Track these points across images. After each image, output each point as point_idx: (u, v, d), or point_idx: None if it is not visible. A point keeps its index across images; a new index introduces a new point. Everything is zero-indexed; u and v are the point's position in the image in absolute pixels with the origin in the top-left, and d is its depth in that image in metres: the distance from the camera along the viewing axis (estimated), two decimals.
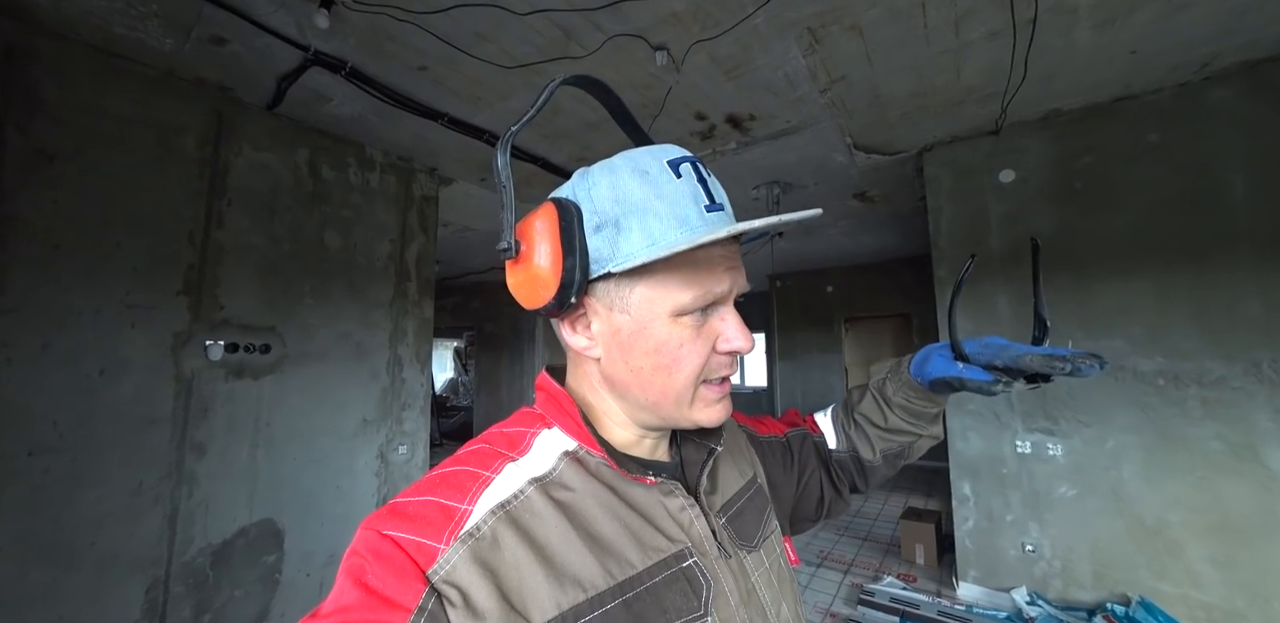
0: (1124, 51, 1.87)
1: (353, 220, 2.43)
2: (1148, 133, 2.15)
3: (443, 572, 0.31)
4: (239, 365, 1.97)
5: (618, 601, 0.33)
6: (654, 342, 0.37)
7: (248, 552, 1.95)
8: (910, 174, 2.87)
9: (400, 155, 2.66)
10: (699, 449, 0.46)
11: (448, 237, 4.31)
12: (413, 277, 2.72)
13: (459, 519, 0.33)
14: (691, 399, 0.38)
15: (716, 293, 0.37)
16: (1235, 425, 1.95)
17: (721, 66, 1.91)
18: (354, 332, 2.42)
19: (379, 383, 2.52)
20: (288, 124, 2.19)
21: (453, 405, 8.49)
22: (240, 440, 1.96)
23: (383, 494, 2.49)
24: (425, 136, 2.45)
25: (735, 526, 0.44)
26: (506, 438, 0.41)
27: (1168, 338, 2.06)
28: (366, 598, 0.29)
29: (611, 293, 0.38)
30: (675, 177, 0.36)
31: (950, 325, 0.52)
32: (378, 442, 2.49)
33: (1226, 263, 1.98)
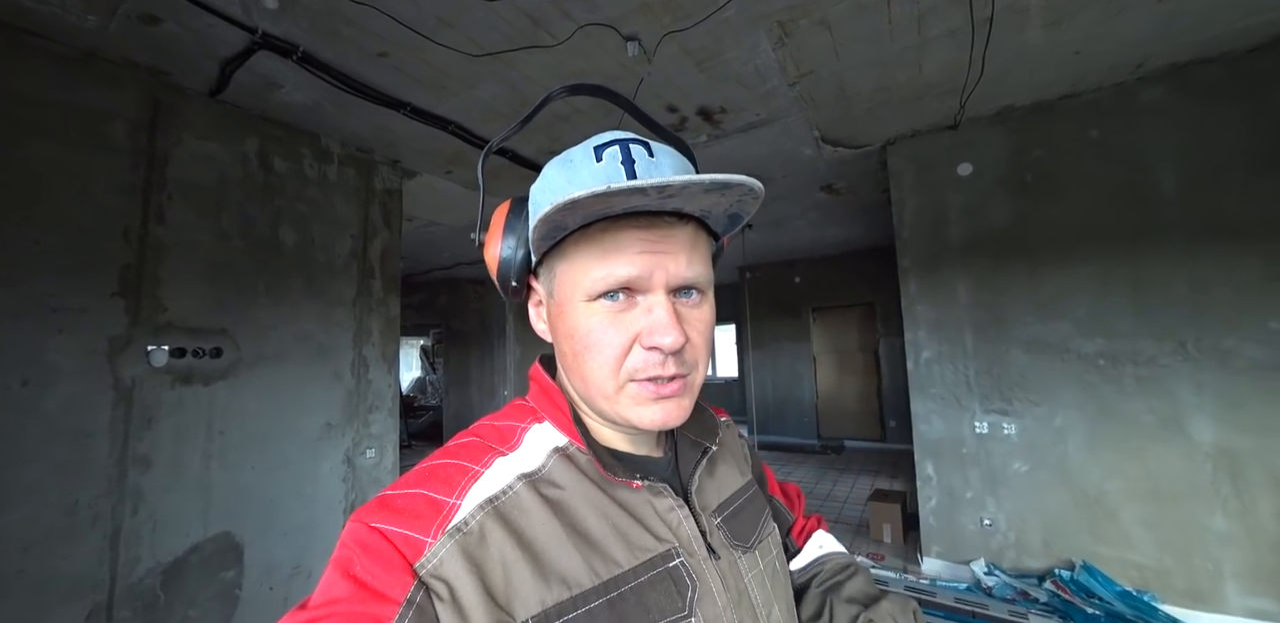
0: (1069, 52, 1.97)
1: (309, 215, 2.30)
2: (1089, 129, 2.29)
3: (430, 565, 0.31)
4: (187, 371, 1.84)
5: (601, 600, 0.33)
6: (568, 324, 0.37)
7: (203, 568, 1.84)
8: (875, 167, 2.96)
9: (360, 147, 2.53)
10: (694, 447, 0.45)
11: (412, 231, 4.15)
12: (377, 273, 2.61)
13: (447, 513, 0.33)
14: (616, 393, 0.36)
15: (621, 275, 0.34)
16: (1163, 400, 2.12)
17: (693, 58, 1.90)
18: (315, 332, 2.30)
19: (343, 385, 2.41)
20: (234, 112, 2.04)
21: (421, 405, 8.26)
22: (191, 451, 1.84)
23: (350, 500, 2.39)
24: (386, 127, 2.34)
25: (731, 525, 0.44)
26: (497, 432, 0.40)
27: (1107, 320, 2.21)
28: (356, 590, 0.29)
29: (545, 276, 0.39)
30: (595, 161, 0.35)
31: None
32: (343, 446, 2.39)
33: (1158, 250, 2.15)
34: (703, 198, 0.32)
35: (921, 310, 2.62)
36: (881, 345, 5.43)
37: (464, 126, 2.36)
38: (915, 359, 2.62)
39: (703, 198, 0.32)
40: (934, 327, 2.58)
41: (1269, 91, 2.00)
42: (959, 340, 2.52)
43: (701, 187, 0.30)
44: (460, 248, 4.87)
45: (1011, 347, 2.39)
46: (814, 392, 5.82)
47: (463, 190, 3.21)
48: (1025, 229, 2.39)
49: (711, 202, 0.33)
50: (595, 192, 0.28)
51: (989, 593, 2.23)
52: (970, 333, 2.49)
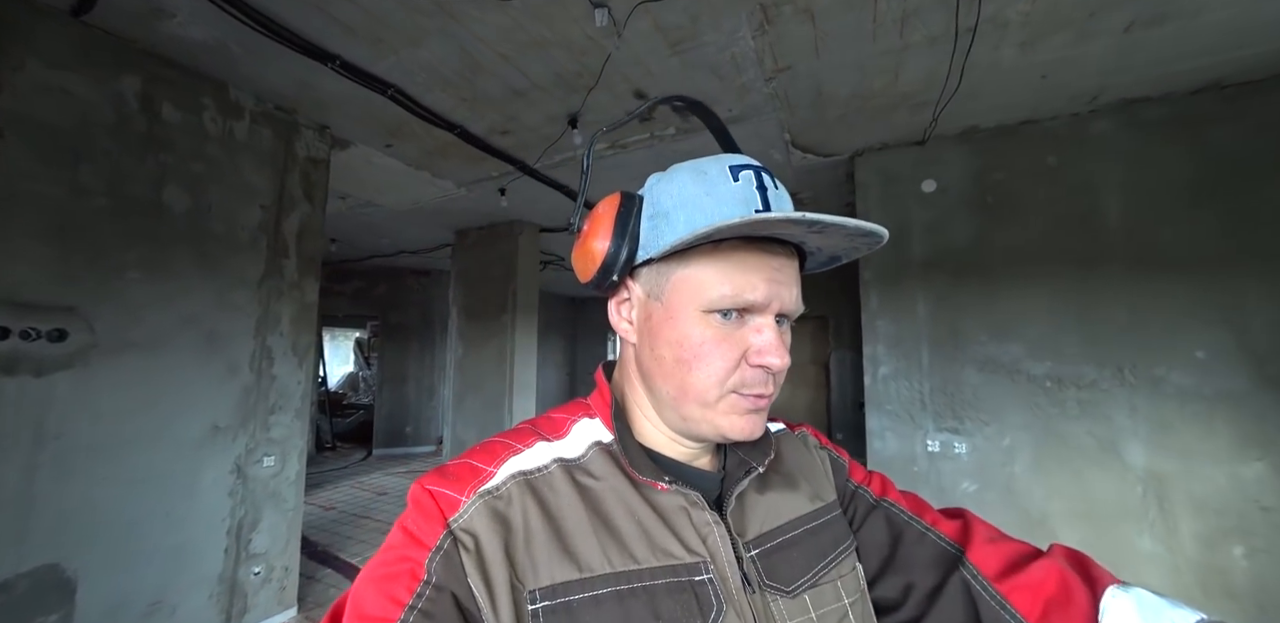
0: (1037, 75, 1.99)
1: (207, 177, 1.94)
2: (1046, 155, 2.34)
3: (461, 520, 0.35)
4: (10, 357, 1.45)
5: (609, 589, 0.34)
6: (678, 333, 0.37)
7: (8, 613, 1.42)
8: (841, 178, 2.93)
9: (279, 104, 2.19)
10: (740, 466, 0.43)
11: (346, 212, 3.75)
12: (292, 252, 2.26)
13: (482, 478, 0.37)
14: (716, 402, 0.37)
15: (748, 298, 0.36)
16: (1102, 423, 2.17)
17: (667, 38, 1.75)
18: (204, 315, 1.93)
19: (239, 380, 2.05)
20: (105, 40, 1.67)
21: (351, 403, 7.60)
22: (6, 461, 1.45)
23: (239, 518, 2.02)
24: (312, 84, 2.02)
25: (769, 562, 0.40)
26: (550, 422, 0.43)
27: (1056, 343, 2.24)
28: (403, 538, 0.35)
29: (651, 279, 0.40)
30: (732, 180, 0.37)
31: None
32: (234, 453, 2.03)
33: (1103, 277, 2.20)
34: (837, 239, 0.35)
35: (881, 325, 2.58)
36: (833, 359, 5.49)
37: (407, 93, 2.09)
38: (873, 374, 2.58)
39: (837, 239, 0.35)
40: (893, 342, 2.55)
41: (1204, 133, 2.10)
42: (916, 357, 2.49)
43: (848, 230, 0.33)
44: (404, 234, 4.47)
45: (966, 365, 2.38)
46: None
47: (406, 168, 2.89)
48: (984, 249, 2.40)
49: (839, 243, 0.36)
50: (789, 217, 0.31)
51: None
52: (927, 350, 2.47)
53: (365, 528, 3.45)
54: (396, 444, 5.93)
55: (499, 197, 3.30)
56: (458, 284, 4.28)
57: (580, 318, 8.96)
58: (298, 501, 2.28)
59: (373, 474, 5.03)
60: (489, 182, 3.14)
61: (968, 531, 0.42)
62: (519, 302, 3.95)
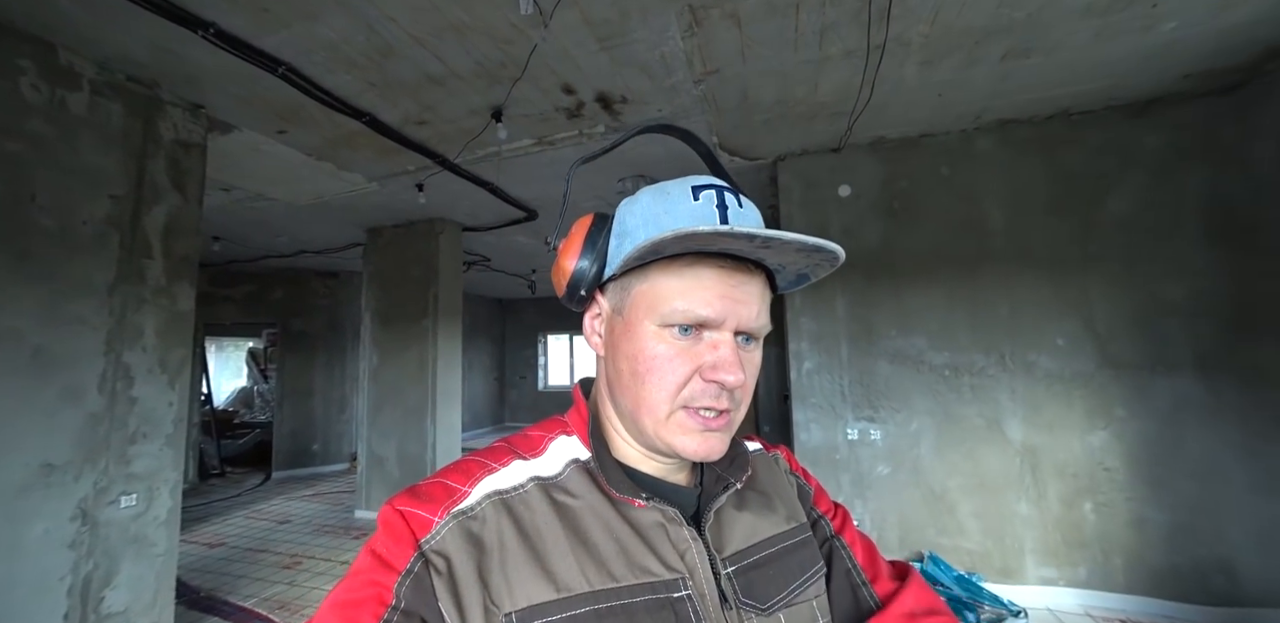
0: (934, 93, 2.20)
1: (29, 159, 1.57)
2: (941, 167, 2.60)
3: (433, 541, 0.34)
4: None
5: (588, 609, 0.33)
6: (634, 346, 0.38)
7: None
8: (765, 181, 3.06)
9: (133, 75, 1.83)
10: (717, 482, 0.43)
11: (230, 206, 3.28)
12: (157, 253, 1.91)
13: (456, 498, 0.36)
14: (665, 419, 0.37)
15: (701, 314, 0.36)
16: (989, 405, 2.45)
17: (596, 32, 1.70)
18: (29, 330, 1.57)
19: (82, 407, 1.69)
20: None
21: (243, 422, 6.70)
22: None
23: (83, 574, 1.67)
24: (179, 53, 1.72)
25: (746, 579, 0.39)
26: (527, 440, 0.43)
27: (953, 336, 2.50)
28: (371, 561, 0.34)
29: (615, 294, 0.41)
30: (692, 199, 0.38)
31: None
32: (76, 496, 1.67)
33: (987, 276, 2.49)
34: (792, 255, 0.35)
35: (805, 323, 2.72)
36: None
37: (301, 72, 1.85)
38: (798, 369, 2.71)
39: (792, 255, 0.35)
40: (815, 338, 2.70)
41: (1057, 153, 2.45)
42: (836, 352, 2.66)
43: (798, 246, 0.33)
44: (303, 232, 4.00)
45: (879, 358, 2.58)
46: None
47: (304, 158, 2.57)
48: (892, 251, 2.62)
49: (795, 259, 0.37)
50: (718, 230, 0.31)
51: None
52: (846, 345, 2.65)
53: (263, 564, 3.03)
54: (302, 464, 5.31)
55: (416, 193, 3.05)
56: (371, 287, 3.90)
57: (509, 319, 8.61)
58: (170, 543, 1.93)
59: (273, 500, 4.45)
60: (404, 176, 2.88)
61: (895, 597, 0.43)
62: (441, 305, 3.69)
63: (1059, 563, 2.35)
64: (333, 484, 4.93)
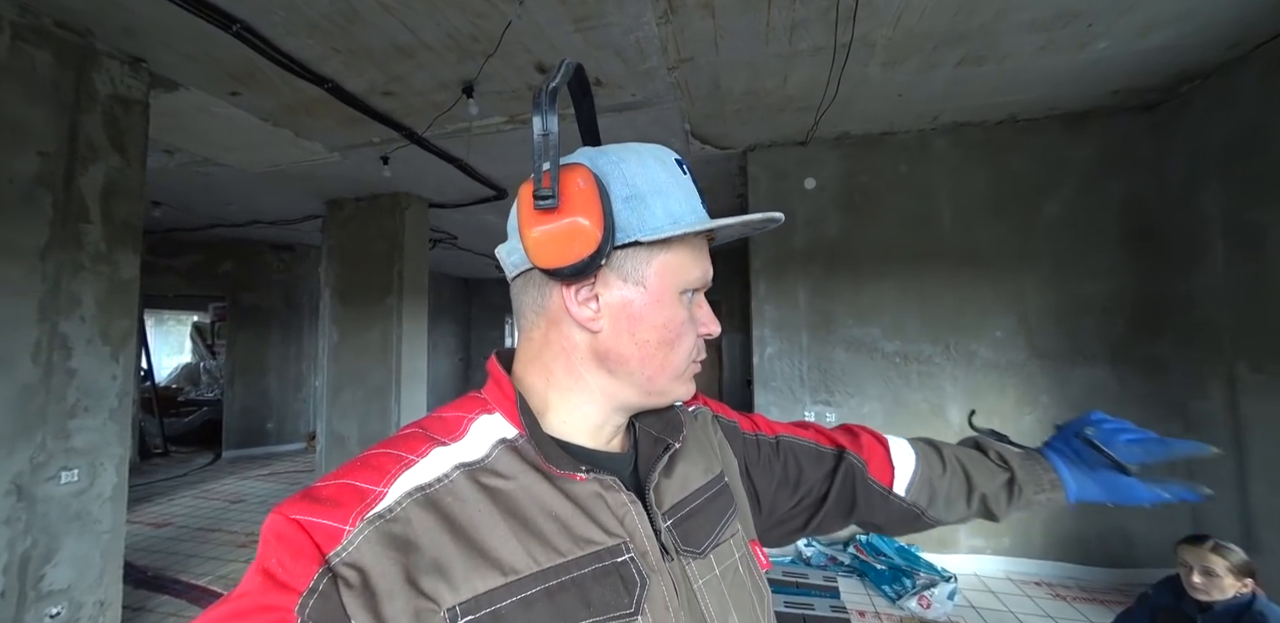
0: (894, 92, 2.29)
1: None
2: (899, 164, 2.73)
3: (344, 554, 0.30)
4: None
5: (538, 587, 0.33)
6: (664, 316, 0.39)
7: None
8: (734, 170, 3.12)
9: (61, 21, 1.70)
10: (656, 444, 0.45)
11: (174, 169, 3.09)
12: (95, 216, 1.80)
13: (370, 501, 0.32)
14: (685, 372, 0.41)
15: (707, 279, 0.41)
16: (934, 391, 2.63)
17: (571, 12, 1.69)
18: None
19: (13, 378, 1.60)
20: None
21: (188, 400, 6.40)
22: None
23: (19, 551, 1.60)
24: (118, 0, 1.60)
25: (682, 529, 0.42)
26: (442, 422, 0.40)
27: (904, 326, 2.66)
28: (263, 582, 0.29)
29: (628, 263, 0.38)
30: (682, 172, 0.40)
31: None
32: (10, 470, 1.59)
33: (935, 270, 2.65)
34: (744, 229, 0.42)
35: (768, 310, 2.83)
36: (724, 340, 5.91)
37: (259, 32, 1.76)
38: (760, 355, 2.83)
39: (744, 229, 0.42)
40: (777, 326, 2.82)
41: (1003, 157, 2.62)
42: (797, 339, 2.78)
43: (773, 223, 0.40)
44: (256, 201, 3.81)
45: (836, 346, 2.72)
46: None
47: (257, 123, 2.45)
48: (851, 244, 2.74)
49: (743, 232, 0.43)
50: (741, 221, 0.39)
51: (807, 563, 2.50)
52: (806, 332, 2.77)
53: (214, 543, 2.97)
54: (254, 444, 5.14)
55: (381, 165, 2.96)
56: (331, 262, 3.77)
57: (476, 299, 8.47)
58: (116, 520, 1.87)
59: (224, 479, 4.32)
60: (369, 148, 2.79)
61: (824, 434, 0.59)
62: (406, 283, 3.61)
63: (987, 534, 2.58)
64: (289, 463, 4.82)
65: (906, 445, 0.59)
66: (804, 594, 2.22)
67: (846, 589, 2.31)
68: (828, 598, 2.19)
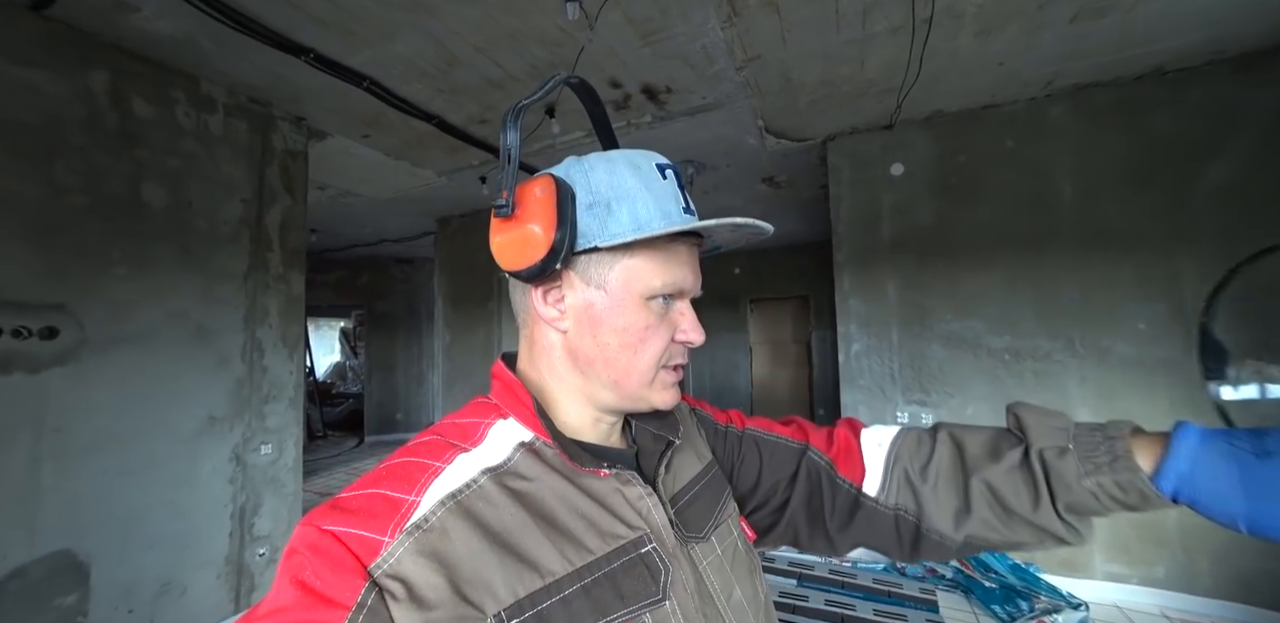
0: (994, 62, 2.07)
1: (185, 172, 1.95)
2: (1005, 139, 2.44)
3: (386, 566, 0.30)
4: (3, 356, 1.49)
5: (576, 587, 0.33)
6: (624, 320, 0.39)
7: (28, 596, 1.51)
8: (815, 162, 3.01)
9: (253, 97, 2.18)
10: (656, 440, 0.46)
11: (325, 202, 3.73)
12: (275, 245, 2.29)
13: (405, 511, 0.33)
14: (653, 380, 0.41)
15: (682, 285, 0.41)
16: (1056, 392, 2.33)
17: (638, 29, 1.79)
18: (192, 310, 1.97)
19: (231, 372, 2.10)
20: (72, 35, 1.65)
21: (339, 393, 7.62)
22: (12, 454, 1.50)
23: (239, 504, 2.10)
24: (286, 76, 2.02)
25: (684, 517, 0.44)
26: (459, 429, 0.40)
27: (1014, 319, 2.39)
28: (303, 597, 0.29)
29: (592, 268, 0.40)
30: (661, 177, 0.40)
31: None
32: (231, 442, 2.09)
33: (1055, 256, 2.34)
34: (740, 235, 0.42)
35: (854, 305, 2.70)
36: (814, 338, 5.67)
37: (382, 84, 2.10)
38: (846, 352, 2.71)
39: (740, 235, 0.42)
40: (864, 321, 2.68)
41: (1147, 117, 2.22)
42: (886, 335, 2.63)
43: (761, 232, 0.41)
44: (385, 223, 4.46)
45: (932, 342, 2.53)
46: (749, 381, 6.00)
47: (383, 158, 2.90)
48: (948, 231, 2.52)
49: (738, 238, 0.43)
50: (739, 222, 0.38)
51: (902, 573, 2.37)
52: (897, 328, 2.61)
53: None
54: (389, 431, 6.01)
55: (480, 185, 3.32)
56: (442, 272, 4.30)
57: None
58: (296, 486, 2.36)
59: (366, 460, 5.12)
60: (469, 170, 3.15)
61: (803, 430, 0.54)
62: (504, 288, 4.01)
63: (1132, 561, 2.24)
64: None
65: (887, 433, 0.50)
66: (896, 604, 2.11)
67: (947, 605, 2.15)
68: (924, 611, 2.06)
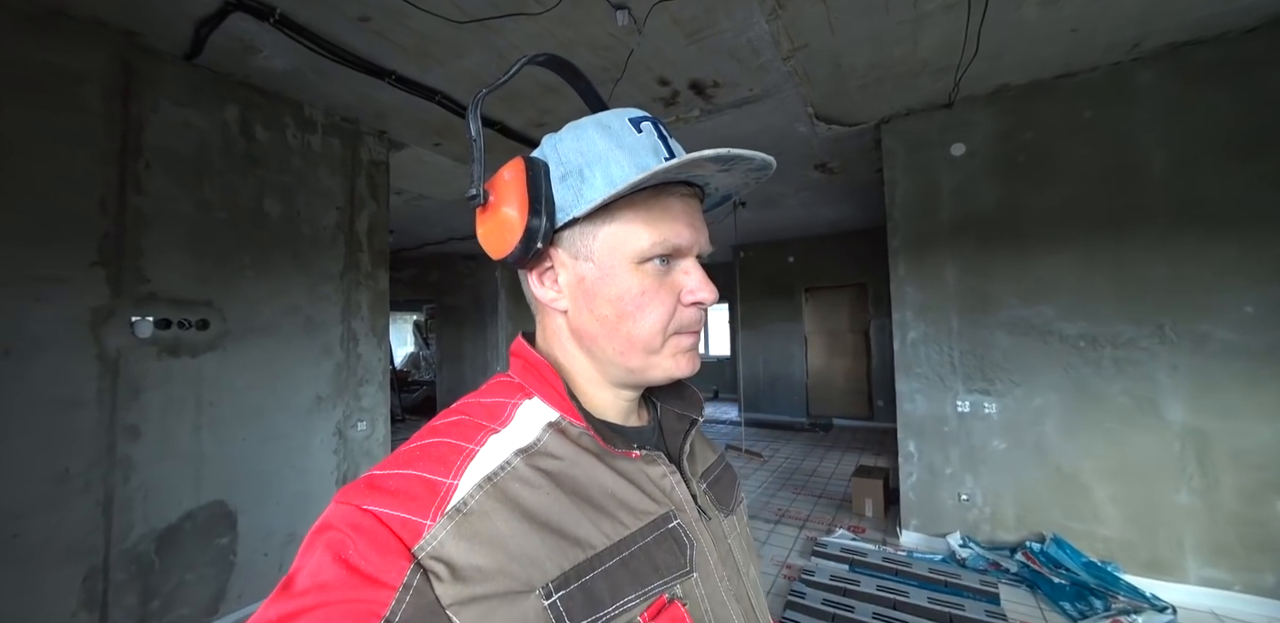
0: (1065, 29, 1.94)
1: (294, 186, 2.26)
2: (1082, 110, 2.28)
3: (429, 548, 0.30)
4: (174, 343, 1.84)
5: (615, 559, 0.34)
6: (617, 289, 0.38)
7: (197, 535, 1.88)
8: (869, 146, 2.94)
9: (344, 116, 2.47)
10: (680, 420, 0.47)
11: (401, 205, 4.10)
12: (364, 247, 2.59)
13: (445, 494, 0.33)
14: (661, 347, 0.39)
15: (675, 242, 0.37)
16: (1140, 382, 2.17)
17: (684, 29, 1.86)
18: (303, 305, 2.29)
19: (333, 359, 2.42)
20: (212, 77, 1.98)
21: (414, 380, 8.31)
22: (180, 422, 1.85)
23: (342, 472, 2.43)
24: (371, 96, 2.28)
25: (715, 491, 0.47)
26: (486, 409, 0.40)
27: (1089, 304, 2.24)
28: (348, 576, 0.29)
29: (576, 241, 0.39)
30: (636, 131, 0.38)
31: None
32: (334, 419, 2.42)
33: (1141, 234, 2.16)
34: (740, 176, 0.38)
35: (910, 292, 2.64)
36: (872, 326, 5.48)
37: (451, 97, 2.31)
38: (902, 339, 2.66)
39: (740, 176, 0.38)
40: (921, 308, 2.61)
41: (1259, 76, 1.98)
42: (945, 322, 2.55)
43: (756, 164, 0.35)
44: (451, 222, 4.82)
45: (996, 329, 2.42)
46: (804, 371, 5.90)
47: (451, 164, 3.16)
48: (1014, 212, 2.39)
49: (736, 180, 0.39)
50: (717, 154, 0.33)
51: (962, 564, 2.32)
52: (956, 315, 2.52)
53: None
54: None
55: None
56: (504, 268, 4.59)
57: None
58: None
59: None
60: None
61: None
62: None
63: (1233, 566, 2.06)
64: None
65: None
66: (954, 594, 2.08)
67: (1010, 598, 2.09)
68: (983, 602, 2.02)
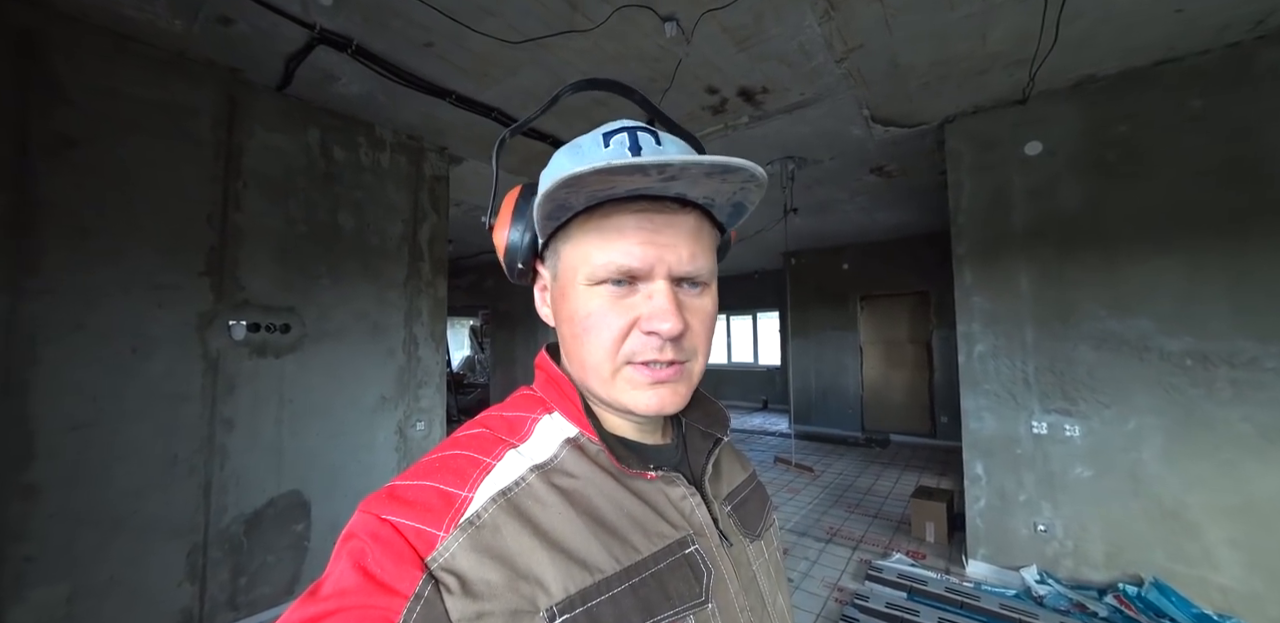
0: (1169, 10, 1.74)
1: (365, 201, 2.45)
2: (1190, 98, 2.02)
3: (441, 559, 0.31)
4: (261, 344, 2.04)
5: (625, 585, 0.33)
6: (569, 308, 0.37)
7: (277, 521, 2.06)
8: (931, 147, 2.76)
9: (410, 134, 2.65)
10: (704, 438, 0.46)
11: (459, 216, 4.33)
12: (425, 257, 2.75)
13: (459, 506, 0.33)
14: (612, 377, 0.36)
15: (623, 264, 0.34)
16: (1266, 408, 1.88)
17: (733, 37, 1.84)
18: (370, 311, 2.47)
19: (395, 361, 2.58)
20: (297, 105, 2.20)
21: (469, 382, 8.70)
22: (265, 416, 2.05)
23: (402, 468, 2.58)
24: (434, 115, 2.43)
25: (740, 514, 0.45)
26: (507, 423, 0.40)
27: (1197, 316, 1.98)
28: (365, 583, 0.29)
29: (551, 260, 0.40)
30: (603, 146, 0.36)
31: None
32: (396, 418, 2.57)
33: (1263, 237, 1.88)
34: (705, 182, 0.32)
35: (977, 302, 2.44)
36: (935, 337, 5.13)
37: (505, 113, 2.42)
38: (968, 353, 2.46)
39: (705, 182, 0.32)
40: (990, 319, 2.41)
41: None
42: (1018, 335, 2.33)
43: (702, 169, 0.30)
44: None
45: (1080, 343, 2.19)
46: (859, 383, 5.61)
47: (506, 176, 3.30)
48: (1102, 214, 2.16)
49: (714, 187, 0.33)
50: (596, 168, 0.29)
51: (1039, 602, 2.10)
52: (1031, 327, 2.30)
53: None
54: None
55: None
56: None
57: None
58: None
59: None
60: None
61: None
62: None
63: None
64: None
65: None
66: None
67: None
68: None
